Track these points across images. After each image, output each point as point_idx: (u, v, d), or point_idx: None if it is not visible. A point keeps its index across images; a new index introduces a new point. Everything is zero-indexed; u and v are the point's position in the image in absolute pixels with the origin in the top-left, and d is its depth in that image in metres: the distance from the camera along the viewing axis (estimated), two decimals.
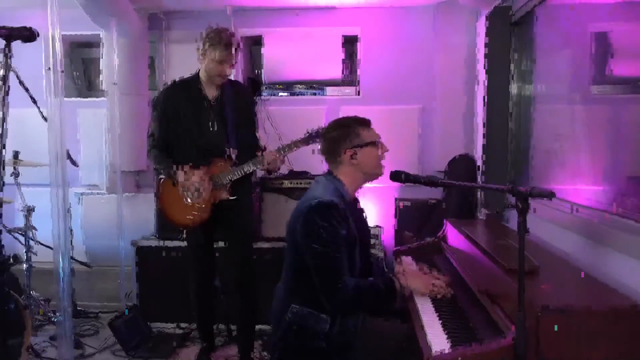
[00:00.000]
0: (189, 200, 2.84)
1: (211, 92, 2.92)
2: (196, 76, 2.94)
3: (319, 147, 2.17)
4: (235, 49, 2.82)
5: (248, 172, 2.89)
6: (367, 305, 2.02)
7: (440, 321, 1.77)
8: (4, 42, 1.80)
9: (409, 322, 1.99)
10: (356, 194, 2.18)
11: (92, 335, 3.61)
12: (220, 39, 2.77)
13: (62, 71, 2.79)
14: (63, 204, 2.83)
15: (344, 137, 2.06)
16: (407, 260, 2.45)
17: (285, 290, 2.06)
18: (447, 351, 1.48)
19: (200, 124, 2.88)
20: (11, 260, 3.18)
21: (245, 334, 3.09)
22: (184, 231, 3.01)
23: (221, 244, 3.12)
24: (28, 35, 1.83)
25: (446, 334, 1.66)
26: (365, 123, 2.11)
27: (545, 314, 1.36)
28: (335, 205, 1.94)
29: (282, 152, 2.89)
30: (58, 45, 2.73)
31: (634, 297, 1.49)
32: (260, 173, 3.71)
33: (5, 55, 1.79)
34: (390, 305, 2.02)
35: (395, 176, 2.03)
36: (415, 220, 3.91)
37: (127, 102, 3.90)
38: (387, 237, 4.01)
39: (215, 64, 2.79)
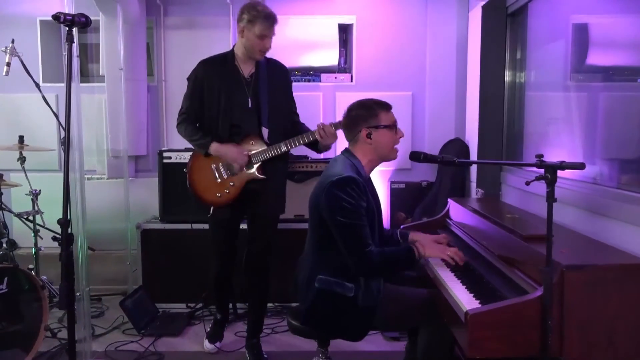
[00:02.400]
0: (223, 175, 2.84)
1: (247, 69, 2.86)
2: (231, 52, 2.89)
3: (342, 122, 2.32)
4: (276, 21, 2.76)
5: (282, 152, 2.82)
6: (390, 270, 2.22)
7: (464, 286, 1.95)
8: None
9: (428, 286, 2.18)
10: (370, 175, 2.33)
11: (98, 317, 3.68)
12: (258, 12, 2.71)
13: (78, 56, 2.85)
14: (81, 188, 2.89)
15: (364, 116, 2.22)
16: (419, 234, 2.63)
17: (312, 261, 2.22)
18: (479, 307, 1.66)
19: (235, 101, 2.82)
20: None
21: (257, 313, 3.06)
22: (212, 208, 2.93)
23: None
24: (85, 22, 1.90)
25: (472, 295, 1.85)
26: (385, 106, 2.27)
27: (569, 271, 1.56)
28: (355, 180, 2.09)
29: (338, 126, 2.75)
30: (75, 30, 2.77)
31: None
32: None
33: (69, 42, 1.86)
34: (409, 269, 2.20)
35: (415, 156, 2.20)
36: (408, 202, 4.10)
37: (126, 87, 3.94)
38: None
39: (256, 39, 2.73)
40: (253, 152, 2.84)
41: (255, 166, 2.85)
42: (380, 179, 4.22)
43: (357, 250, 2.07)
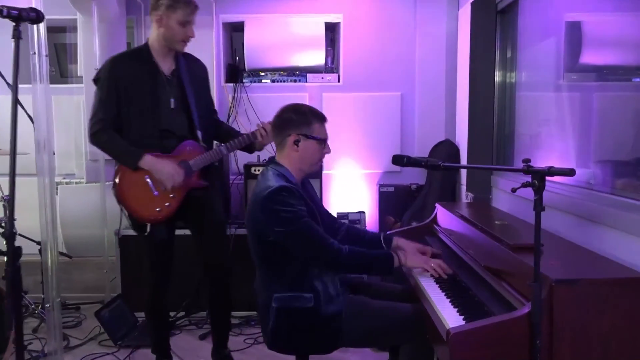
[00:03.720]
0: (160, 187, 2.51)
1: (166, 65, 2.56)
2: (146, 46, 2.58)
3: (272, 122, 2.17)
4: (197, 8, 2.53)
5: (222, 156, 2.65)
6: (363, 269, 2.10)
7: (449, 299, 1.83)
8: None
9: (412, 301, 2.05)
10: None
11: (75, 327, 3.55)
12: None
13: (47, 55, 2.71)
14: (51, 193, 2.75)
15: (296, 121, 2.08)
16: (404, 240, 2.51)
17: (263, 282, 2.10)
18: (463, 325, 1.54)
19: (158, 101, 2.51)
20: None
21: (221, 325, 2.86)
22: (148, 226, 2.57)
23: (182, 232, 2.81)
24: (35, 17, 1.77)
25: (457, 310, 1.73)
26: (321, 118, 2.13)
27: (558, 285, 1.43)
28: (287, 187, 1.98)
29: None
30: (43, 29, 2.65)
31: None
32: (244, 160, 3.71)
33: (16, 38, 1.72)
34: (385, 272, 2.09)
35: (398, 160, 2.07)
36: (397, 205, 3.99)
37: None
38: (371, 222, 4.08)
39: (178, 27, 2.47)
40: (191, 160, 2.57)
41: (196, 173, 2.60)
42: (369, 182, 4.11)
43: (321, 249, 1.97)
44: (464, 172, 3.53)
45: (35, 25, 2.60)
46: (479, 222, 2.15)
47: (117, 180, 2.54)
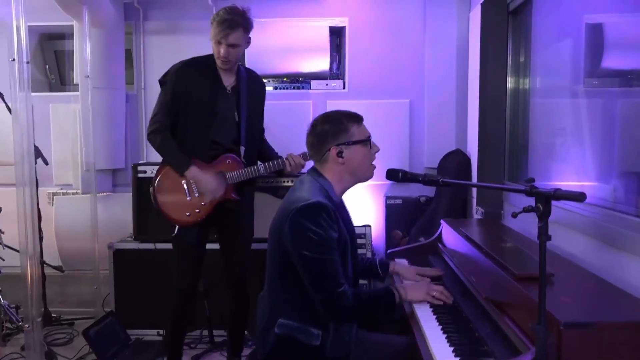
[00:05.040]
0: (194, 193, 2.61)
1: (228, 79, 2.64)
2: (212, 58, 2.62)
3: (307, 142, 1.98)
4: (235, 27, 2.48)
5: (258, 175, 2.69)
6: (366, 314, 1.87)
7: (445, 334, 1.62)
8: None
9: (408, 332, 1.84)
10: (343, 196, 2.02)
11: (66, 344, 3.42)
12: (216, 16, 2.51)
13: (28, 62, 2.58)
14: (31, 204, 2.62)
15: (332, 132, 1.89)
16: (403, 264, 2.30)
17: (271, 301, 1.89)
18: None
19: (215, 115, 2.60)
20: None
21: (237, 339, 2.91)
22: (177, 227, 2.68)
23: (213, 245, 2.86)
24: None
25: (452, 349, 1.52)
26: (356, 119, 1.93)
27: (568, 329, 1.21)
28: (324, 206, 1.78)
29: (307, 157, 2.65)
30: (24, 34, 2.52)
31: None
32: None
33: None
34: (389, 315, 1.88)
35: (392, 175, 1.89)
36: (405, 219, 3.77)
37: (101, 96, 3.68)
38: (377, 236, 3.87)
39: (214, 44, 2.52)
40: (229, 172, 2.65)
41: (230, 187, 2.66)
42: (375, 194, 3.90)
43: (327, 290, 1.75)
44: None
45: (15, 31, 2.48)
46: (484, 245, 1.94)
47: (157, 178, 2.68)
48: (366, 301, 1.83)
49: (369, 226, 3.69)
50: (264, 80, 3.91)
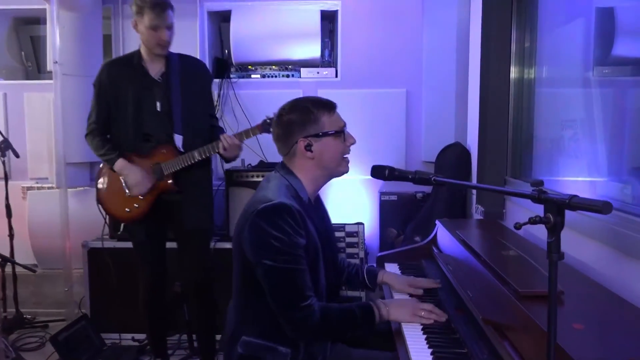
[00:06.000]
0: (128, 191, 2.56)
1: (155, 69, 2.56)
2: (138, 52, 2.58)
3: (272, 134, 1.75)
4: (167, 7, 2.45)
5: (196, 161, 2.53)
6: (339, 334, 1.64)
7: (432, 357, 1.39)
8: None
9: (394, 348, 1.61)
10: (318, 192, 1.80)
11: (37, 349, 3.21)
12: (142, 2, 2.41)
13: None
14: None
15: (299, 122, 1.66)
16: (393, 272, 2.06)
17: (236, 315, 1.68)
18: None
19: (141, 105, 2.53)
20: None
21: (205, 345, 2.78)
22: (122, 225, 2.73)
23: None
24: None
25: None
26: (327, 106, 1.69)
27: None
28: (288, 208, 1.55)
29: (244, 137, 2.54)
30: None
31: None
32: (226, 165, 3.32)
33: None
34: (366, 334, 1.65)
35: (378, 172, 1.65)
36: (401, 216, 3.54)
37: (74, 84, 3.45)
38: (371, 234, 3.64)
39: (149, 32, 2.43)
40: (163, 163, 2.55)
41: (168, 177, 2.56)
42: (369, 189, 3.67)
43: (290, 305, 1.53)
44: (474, 181, 3.06)
45: None
46: (483, 253, 1.70)
47: (99, 177, 2.68)
48: (337, 319, 1.60)
49: (362, 224, 3.47)
50: (251, 68, 3.73)
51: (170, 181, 2.56)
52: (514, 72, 2.69)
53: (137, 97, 2.52)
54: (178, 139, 2.53)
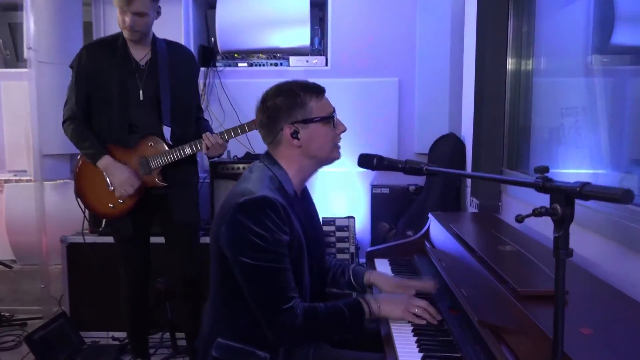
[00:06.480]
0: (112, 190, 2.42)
1: (139, 54, 2.42)
2: (121, 34, 2.42)
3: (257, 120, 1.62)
4: None
5: (184, 156, 2.41)
6: (325, 336, 1.52)
7: None
8: None
9: (382, 350, 1.50)
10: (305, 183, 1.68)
11: (14, 348, 3.08)
12: None
13: None
14: None
15: (285, 107, 1.53)
16: (382, 271, 1.94)
17: (212, 315, 1.56)
18: None
19: (126, 92, 2.38)
20: None
21: (193, 343, 2.65)
22: (103, 222, 2.63)
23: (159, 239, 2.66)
24: None
25: None
26: (316, 90, 1.57)
27: None
28: (272, 202, 1.43)
29: (225, 137, 2.41)
30: None
31: None
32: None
33: None
34: (354, 333, 1.53)
35: (365, 161, 1.53)
36: (393, 210, 3.42)
37: (52, 72, 3.30)
38: (362, 228, 3.52)
39: (118, 14, 2.32)
40: (150, 157, 2.43)
41: (155, 172, 2.44)
42: (360, 181, 3.55)
43: (272, 307, 1.42)
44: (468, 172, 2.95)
45: None
46: (478, 249, 1.58)
47: (76, 170, 2.50)
48: (323, 320, 1.47)
49: (353, 217, 3.35)
50: (238, 56, 3.59)
51: (158, 177, 2.44)
52: (510, 61, 2.58)
53: (122, 83, 2.37)
54: (166, 131, 2.41)
